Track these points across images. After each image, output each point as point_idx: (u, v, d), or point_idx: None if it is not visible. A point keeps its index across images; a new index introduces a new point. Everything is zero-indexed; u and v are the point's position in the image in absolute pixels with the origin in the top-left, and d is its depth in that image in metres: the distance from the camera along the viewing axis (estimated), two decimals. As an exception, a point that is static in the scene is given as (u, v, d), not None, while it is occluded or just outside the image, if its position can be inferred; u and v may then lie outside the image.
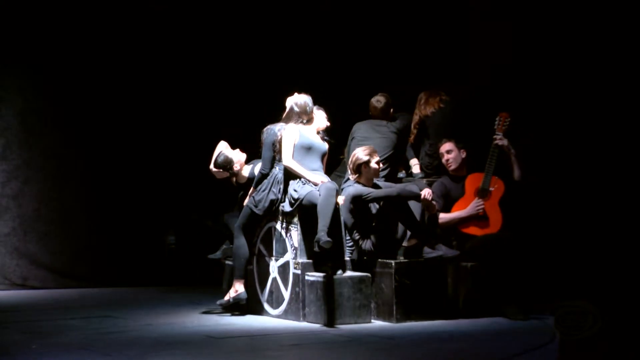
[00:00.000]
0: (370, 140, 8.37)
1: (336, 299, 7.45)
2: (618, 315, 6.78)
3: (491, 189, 7.94)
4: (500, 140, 7.89)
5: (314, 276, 7.56)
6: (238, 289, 7.97)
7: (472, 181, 8.01)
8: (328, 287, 7.47)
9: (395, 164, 8.60)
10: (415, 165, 8.60)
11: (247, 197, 8.04)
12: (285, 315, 7.73)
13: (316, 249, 7.41)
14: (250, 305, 7.98)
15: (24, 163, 10.05)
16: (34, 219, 10.07)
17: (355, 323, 7.45)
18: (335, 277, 7.49)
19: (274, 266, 7.97)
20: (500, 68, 9.07)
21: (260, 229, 8.00)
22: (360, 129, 8.73)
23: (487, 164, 7.90)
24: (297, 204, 7.75)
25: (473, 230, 8.00)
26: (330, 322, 7.35)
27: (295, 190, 7.78)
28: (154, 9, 9.76)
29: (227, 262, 8.29)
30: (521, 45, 9.06)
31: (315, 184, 7.71)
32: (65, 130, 10.17)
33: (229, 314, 8.00)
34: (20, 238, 10.06)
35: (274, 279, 7.92)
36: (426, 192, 7.80)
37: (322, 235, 7.36)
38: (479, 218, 7.94)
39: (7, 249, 9.98)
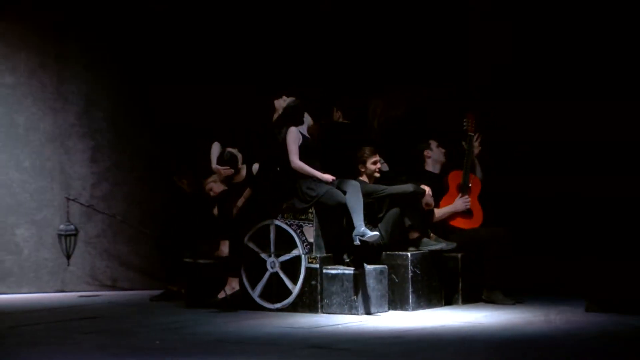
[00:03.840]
0: None
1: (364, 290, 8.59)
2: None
3: (470, 185, 9.14)
4: (478, 142, 9.19)
5: (338, 269, 8.64)
6: (235, 285, 8.86)
7: (454, 178, 9.20)
8: (361, 279, 8.54)
9: None
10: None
11: (242, 198, 9.02)
12: (292, 308, 8.77)
13: (357, 242, 8.43)
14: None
15: (113, 165, 10.92)
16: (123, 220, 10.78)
17: (377, 312, 8.61)
18: (364, 269, 8.56)
19: (273, 262, 8.87)
20: (500, 68, 9.96)
21: (250, 228, 8.94)
22: None
23: (464, 162, 9.15)
24: (313, 201, 8.70)
25: (459, 222, 9.16)
26: (368, 311, 8.53)
27: (310, 189, 8.72)
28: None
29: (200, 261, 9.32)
30: (521, 45, 9.92)
31: (328, 183, 8.70)
32: (155, 132, 10.99)
33: (216, 311, 8.87)
34: (110, 239, 10.92)
35: (274, 275, 8.89)
36: (428, 190, 8.90)
37: (364, 229, 8.39)
38: (464, 212, 9.13)
39: (97, 250, 10.90)
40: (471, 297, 9.14)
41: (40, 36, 10.76)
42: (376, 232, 8.45)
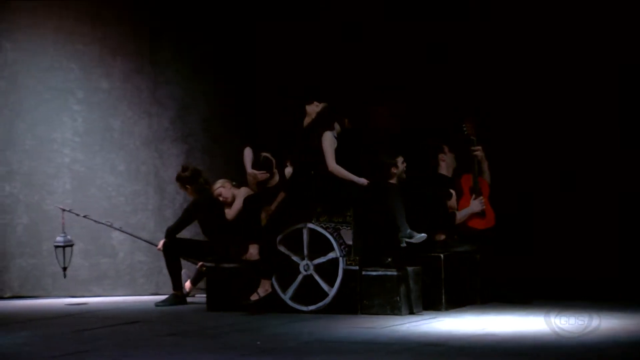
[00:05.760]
0: None
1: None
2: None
3: (480, 187, 9.66)
4: (479, 151, 9.62)
5: (379, 271, 9.00)
6: (268, 287, 9.23)
7: (466, 181, 9.68)
8: (403, 280, 8.91)
9: None
10: None
11: (275, 202, 9.27)
12: (328, 309, 9.11)
13: (403, 244, 8.86)
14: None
15: (206, 169, 11.05)
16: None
17: (415, 313, 9.05)
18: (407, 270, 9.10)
19: (307, 265, 9.20)
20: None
21: (283, 231, 9.31)
22: None
23: (473, 165, 9.62)
24: (351, 204, 9.10)
25: (476, 223, 9.60)
26: (411, 311, 8.99)
27: (347, 192, 9.10)
28: None
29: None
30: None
31: (363, 186, 9.11)
32: (248, 136, 10.88)
33: (243, 313, 9.16)
34: (202, 243, 11.64)
35: (308, 277, 9.24)
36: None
37: (411, 231, 8.83)
38: (479, 213, 9.58)
39: (191, 253, 11.65)
40: (489, 297, 9.59)
41: (136, 41, 11.37)
42: (424, 234, 8.87)
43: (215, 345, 7.58)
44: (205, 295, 9.89)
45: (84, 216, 10.72)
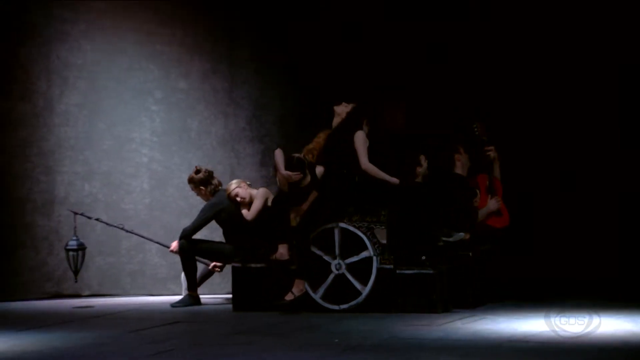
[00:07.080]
0: None
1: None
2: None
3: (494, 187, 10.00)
4: (492, 151, 9.81)
5: (414, 269, 9.13)
6: (302, 287, 9.38)
7: (482, 181, 9.87)
8: (440, 279, 9.12)
9: None
10: None
11: (307, 203, 9.38)
12: (360, 308, 9.24)
13: (441, 243, 9.18)
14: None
15: None
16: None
17: (450, 311, 9.31)
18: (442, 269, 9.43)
19: (338, 264, 9.33)
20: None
21: (314, 231, 9.51)
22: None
23: (488, 165, 9.82)
24: (383, 203, 9.28)
25: (493, 222, 9.78)
26: (446, 309, 9.16)
27: (380, 190, 9.28)
28: None
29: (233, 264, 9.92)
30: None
31: (396, 185, 9.34)
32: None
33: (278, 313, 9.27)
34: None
35: (339, 276, 9.36)
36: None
37: (449, 230, 9.08)
38: (496, 212, 9.77)
39: (267, 253, 10.85)
40: (502, 296, 9.81)
41: (212, 42, 11.67)
42: (461, 233, 9.15)
43: (294, 343, 7.60)
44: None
45: (96, 219, 10.88)
